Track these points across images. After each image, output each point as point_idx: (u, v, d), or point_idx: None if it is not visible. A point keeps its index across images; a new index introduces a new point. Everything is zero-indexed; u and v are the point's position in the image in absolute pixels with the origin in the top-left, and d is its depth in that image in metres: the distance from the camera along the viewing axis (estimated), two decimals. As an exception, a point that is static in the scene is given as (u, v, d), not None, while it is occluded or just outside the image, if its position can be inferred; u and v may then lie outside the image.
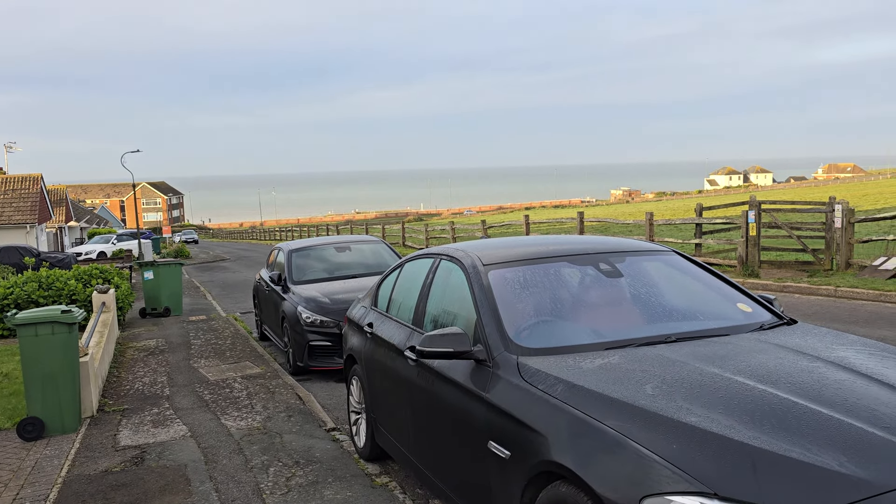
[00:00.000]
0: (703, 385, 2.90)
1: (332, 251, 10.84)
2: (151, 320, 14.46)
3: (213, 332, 12.26)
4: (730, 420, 2.61)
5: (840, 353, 3.33)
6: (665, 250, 4.58)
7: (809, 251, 14.64)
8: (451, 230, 28.14)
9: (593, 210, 70.60)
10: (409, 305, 4.87)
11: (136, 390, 8.26)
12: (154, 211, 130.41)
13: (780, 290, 12.83)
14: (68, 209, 49.40)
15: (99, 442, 6.34)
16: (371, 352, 5.25)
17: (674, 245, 17.84)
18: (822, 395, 2.80)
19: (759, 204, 14.67)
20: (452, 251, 4.63)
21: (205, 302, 18.02)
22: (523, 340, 3.59)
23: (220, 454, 5.84)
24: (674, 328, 3.72)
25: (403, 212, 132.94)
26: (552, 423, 2.93)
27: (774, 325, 3.86)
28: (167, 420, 6.95)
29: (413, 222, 74.54)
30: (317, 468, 5.39)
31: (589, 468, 2.63)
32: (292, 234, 56.71)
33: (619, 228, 26.52)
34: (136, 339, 11.92)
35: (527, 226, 23.07)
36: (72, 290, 12.65)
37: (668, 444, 2.52)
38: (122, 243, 41.35)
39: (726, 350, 3.33)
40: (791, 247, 15.31)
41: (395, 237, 36.01)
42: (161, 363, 9.80)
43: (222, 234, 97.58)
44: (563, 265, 4.23)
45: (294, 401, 7.39)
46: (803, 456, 2.40)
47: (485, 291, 3.95)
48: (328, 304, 8.87)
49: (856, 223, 13.76)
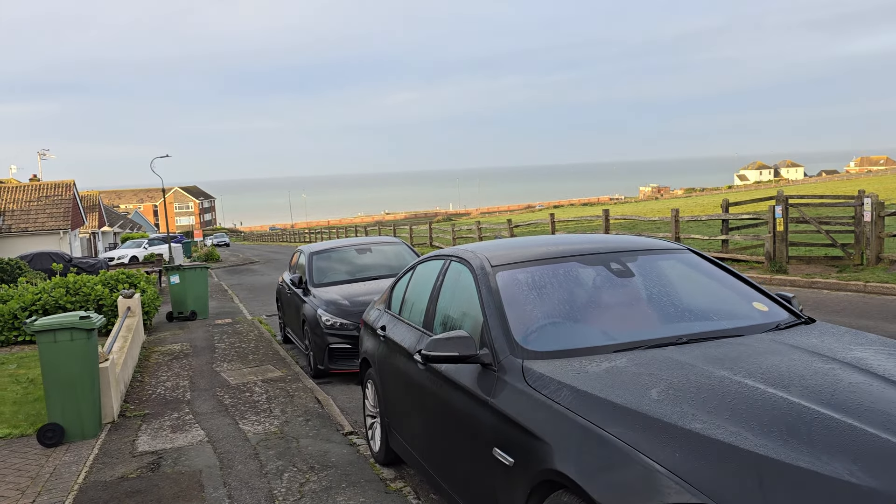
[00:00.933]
0: (710, 389, 2.80)
1: (353, 253, 10.82)
2: (178, 324, 14.60)
3: (238, 336, 12.33)
4: (736, 427, 2.51)
5: (857, 353, 3.20)
6: (680, 248, 4.47)
7: (838, 246, 14.31)
8: (477, 230, 28.05)
9: (620, 208, 69.94)
10: (420, 308, 4.81)
11: (158, 395, 8.32)
12: (186, 215, 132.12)
13: (809, 286, 12.54)
14: (101, 214, 50.20)
15: (117, 448, 6.37)
16: (384, 355, 5.21)
17: (700, 241, 17.54)
18: (835, 398, 2.68)
19: (786, 199, 14.36)
20: (462, 252, 4.57)
21: (231, 305, 18.16)
22: (530, 343, 3.51)
23: (236, 460, 5.83)
24: (685, 329, 3.62)
25: (433, 212, 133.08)
26: (555, 430, 2.85)
27: (791, 324, 3.74)
28: (186, 425, 6.97)
29: (441, 222, 74.55)
30: (331, 473, 5.36)
31: (591, 478, 2.54)
32: (321, 235, 57.04)
33: (645, 226, 26.21)
34: (162, 343, 12.03)
35: (552, 224, 22.90)
36: (98, 295, 12.82)
37: (672, 453, 2.42)
38: (154, 247, 41.88)
39: (738, 352, 3.22)
40: (820, 242, 14.98)
41: (422, 238, 36.03)
42: (184, 367, 9.87)
43: (253, 236, 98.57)
44: (573, 265, 4.14)
45: (313, 404, 7.38)
46: (812, 465, 2.28)
47: (492, 293, 3.88)
48: (348, 306, 8.85)
49: (886, 217, 13.40)
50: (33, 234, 34.08)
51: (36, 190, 36.75)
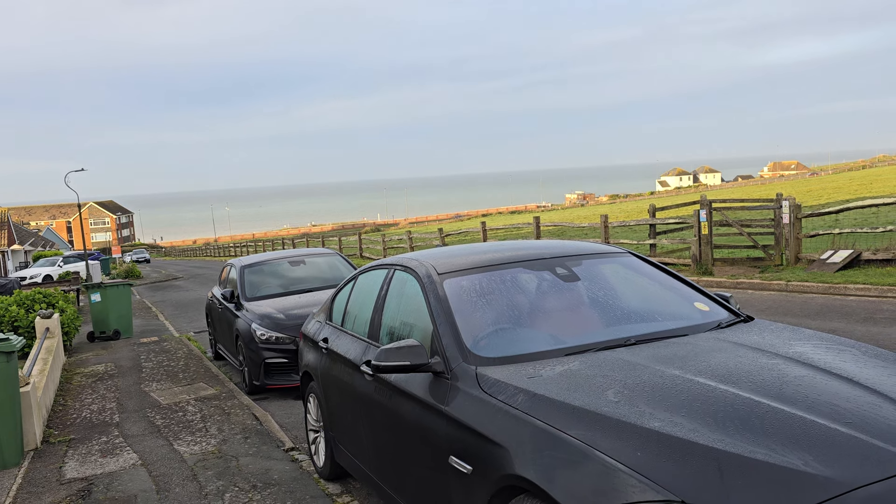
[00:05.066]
0: (665, 388, 2.84)
1: (286, 266, 10.62)
2: (100, 344, 14.01)
3: (166, 354, 11.92)
4: (693, 423, 2.55)
5: (798, 348, 3.31)
6: (621, 252, 4.54)
7: (760, 247, 14.89)
8: (408, 240, 28.00)
9: (549, 215, 71.14)
10: (365, 318, 4.74)
11: (83, 418, 7.94)
12: (103, 231, 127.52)
13: (734, 287, 13.00)
14: (10, 232, 47.90)
15: (43, 476, 6.04)
16: (327, 368, 5.10)
17: (629, 246, 17.99)
18: (783, 392, 2.76)
19: (710, 203, 14.87)
20: (406, 260, 4.53)
21: (157, 322, 17.56)
22: (482, 350, 3.49)
23: (173, 482, 5.61)
24: (633, 330, 3.67)
25: (360, 223, 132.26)
26: (514, 435, 2.83)
27: (732, 322, 3.84)
28: (116, 448, 6.67)
29: (370, 233, 74.14)
30: (275, 491, 5.21)
31: (553, 481, 2.54)
32: (247, 249, 55.86)
33: (575, 232, 26.73)
34: (84, 365, 11.51)
35: (484, 232, 23.06)
36: (13, 316, 12.17)
37: (633, 452, 2.44)
38: (69, 265, 40.24)
39: (686, 351, 3.29)
40: (742, 244, 15.56)
41: (352, 249, 35.71)
42: (110, 389, 9.46)
43: (175, 252, 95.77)
44: (519, 271, 4.15)
45: (251, 421, 7.18)
46: (768, 457, 2.34)
47: (440, 301, 3.85)
48: (283, 319, 8.67)
49: (803, 218, 14.03)
50: (-62, 254, 32.24)
51: (-60, 207, 34.80)
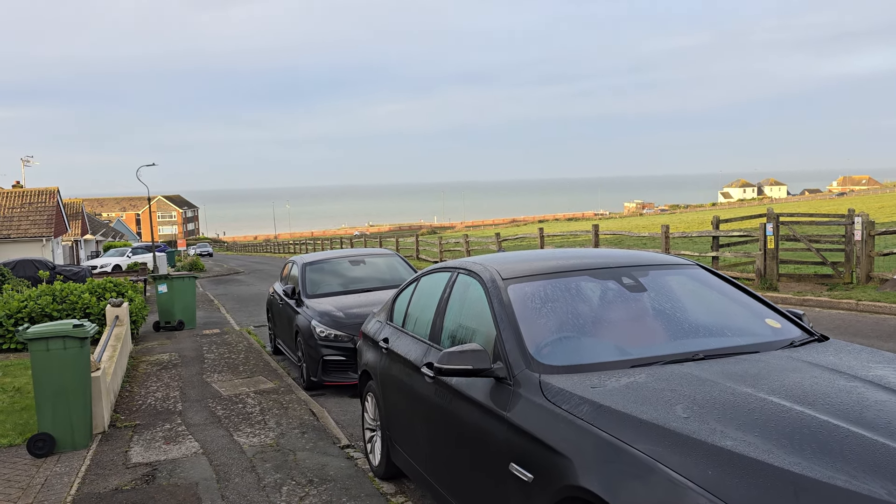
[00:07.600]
0: (736, 406, 2.77)
1: (346, 264, 10.75)
2: (165, 334, 14.42)
3: (227, 346, 12.19)
4: (768, 444, 2.47)
5: (878, 371, 3.18)
6: (689, 263, 4.45)
7: (829, 264, 14.42)
8: (464, 243, 28.03)
9: (607, 223, 70.31)
10: (426, 320, 4.76)
11: (148, 405, 8.18)
12: (169, 224, 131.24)
13: (800, 304, 12.60)
14: (84, 222, 49.72)
15: (110, 459, 6.24)
16: (386, 368, 5.14)
17: (690, 258, 17.64)
18: (864, 417, 2.65)
19: (777, 216, 14.47)
20: (470, 265, 4.52)
21: (219, 315, 17.98)
22: (545, 357, 3.46)
23: (233, 472, 5.73)
24: (701, 345, 3.58)
25: (417, 225, 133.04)
26: (578, 445, 2.80)
27: (805, 341, 3.72)
28: (179, 436, 6.85)
29: (426, 235, 74.51)
30: (331, 487, 5.27)
31: (617, 494, 2.49)
32: (306, 247, 56.79)
33: (633, 241, 26.34)
34: (150, 353, 11.86)
35: (541, 239, 22.92)
36: (86, 303, 12.63)
37: (704, 470, 2.38)
38: (137, 256, 41.51)
39: (758, 368, 3.19)
40: (810, 259, 15.09)
41: (408, 250, 35.95)
42: (174, 377, 9.72)
43: (237, 247, 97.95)
44: (584, 279, 4.11)
45: (308, 417, 7.28)
46: (849, 484, 2.25)
47: (504, 307, 3.83)
48: (342, 318, 8.77)
49: (876, 236, 13.53)
50: (16, 241, 33.67)
51: (19, 197, 36.34)
